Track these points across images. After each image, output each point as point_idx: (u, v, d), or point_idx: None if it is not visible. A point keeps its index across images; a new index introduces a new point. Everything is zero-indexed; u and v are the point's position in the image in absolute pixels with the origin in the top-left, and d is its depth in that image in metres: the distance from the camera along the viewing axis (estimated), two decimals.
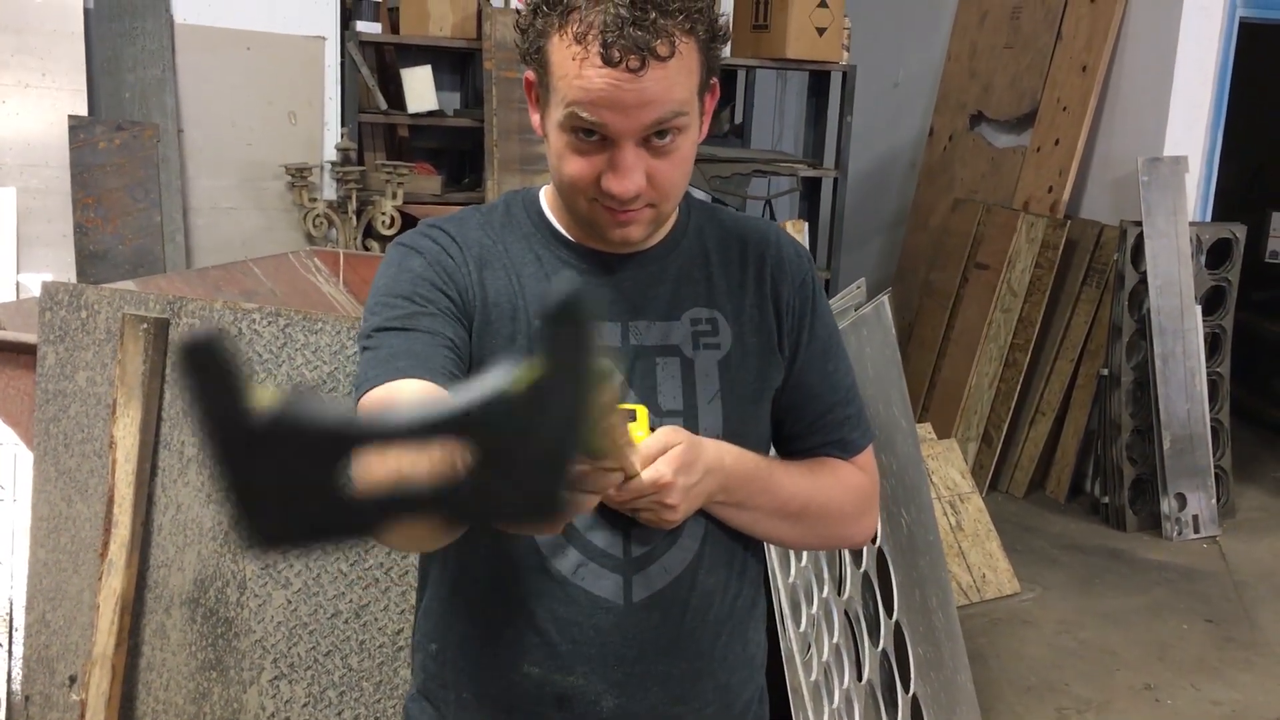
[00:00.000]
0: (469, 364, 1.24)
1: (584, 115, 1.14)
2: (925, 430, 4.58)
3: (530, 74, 1.23)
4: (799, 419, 1.37)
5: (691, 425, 1.24)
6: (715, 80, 1.23)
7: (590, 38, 1.11)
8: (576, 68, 1.12)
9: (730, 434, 1.27)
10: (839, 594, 2.44)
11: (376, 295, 1.25)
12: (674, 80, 1.14)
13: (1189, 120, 4.99)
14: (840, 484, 1.36)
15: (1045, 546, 4.72)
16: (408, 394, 1.12)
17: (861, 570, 2.55)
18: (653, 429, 1.18)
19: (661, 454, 1.14)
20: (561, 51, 1.14)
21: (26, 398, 2.64)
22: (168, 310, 2.40)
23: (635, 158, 1.16)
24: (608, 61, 1.11)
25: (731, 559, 1.33)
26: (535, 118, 1.25)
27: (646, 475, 1.13)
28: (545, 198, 1.34)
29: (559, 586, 1.24)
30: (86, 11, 4.05)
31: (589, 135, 1.16)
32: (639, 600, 1.26)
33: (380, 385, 1.15)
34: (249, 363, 2.33)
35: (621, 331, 1.28)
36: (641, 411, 1.19)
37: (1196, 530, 4.86)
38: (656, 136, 1.16)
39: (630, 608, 1.25)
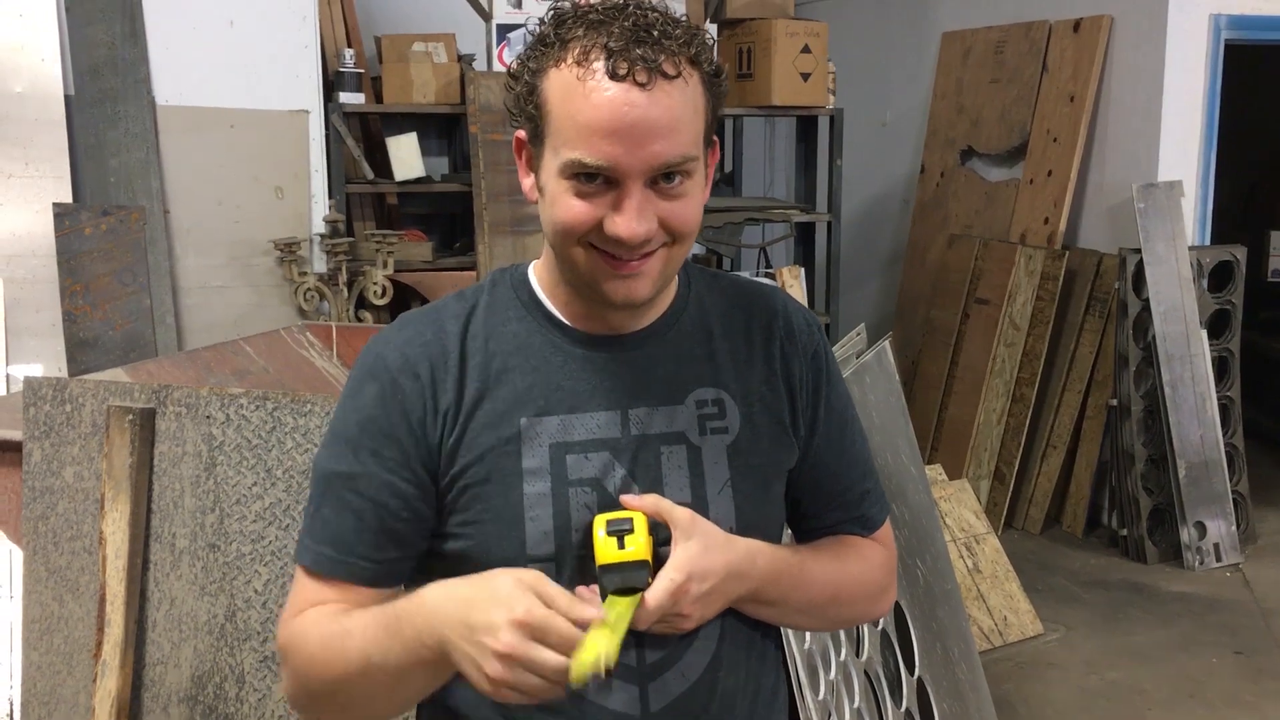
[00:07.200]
0: (436, 485, 1.18)
1: (588, 160, 1.07)
2: (935, 471, 4.51)
3: (520, 133, 1.16)
4: (817, 497, 1.30)
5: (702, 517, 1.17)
6: (716, 139, 1.18)
7: (594, 54, 1.06)
8: (581, 89, 1.06)
9: (744, 524, 1.19)
10: (857, 655, 2.36)
11: (333, 422, 1.21)
12: (680, 111, 1.08)
13: (1181, 144, 4.96)
14: (865, 564, 1.31)
15: (1066, 584, 4.62)
16: (312, 628, 1.17)
17: (879, 628, 2.47)
18: (652, 528, 1.11)
19: (693, 564, 1.10)
20: (561, 81, 1.08)
21: (14, 495, 2.58)
22: (153, 400, 2.35)
23: (643, 198, 1.09)
24: (614, 75, 1.05)
25: (750, 651, 1.25)
26: (526, 181, 1.18)
27: (659, 589, 1.08)
28: (535, 275, 1.25)
29: (569, 703, 1.16)
30: (67, 98, 4.04)
31: (591, 179, 1.09)
32: (656, 710, 1.18)
33: (305, 582, 1.20)
34: (239, 448, 2.27)
35: (621, 420, 1.19)
36: (639, 519, 1.11)
37: (1218, 559, 4.77)
38: (664, 180, 1.09)
39: (648, 719, 1.18)
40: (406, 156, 4.85)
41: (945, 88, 6.05)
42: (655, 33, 1.07)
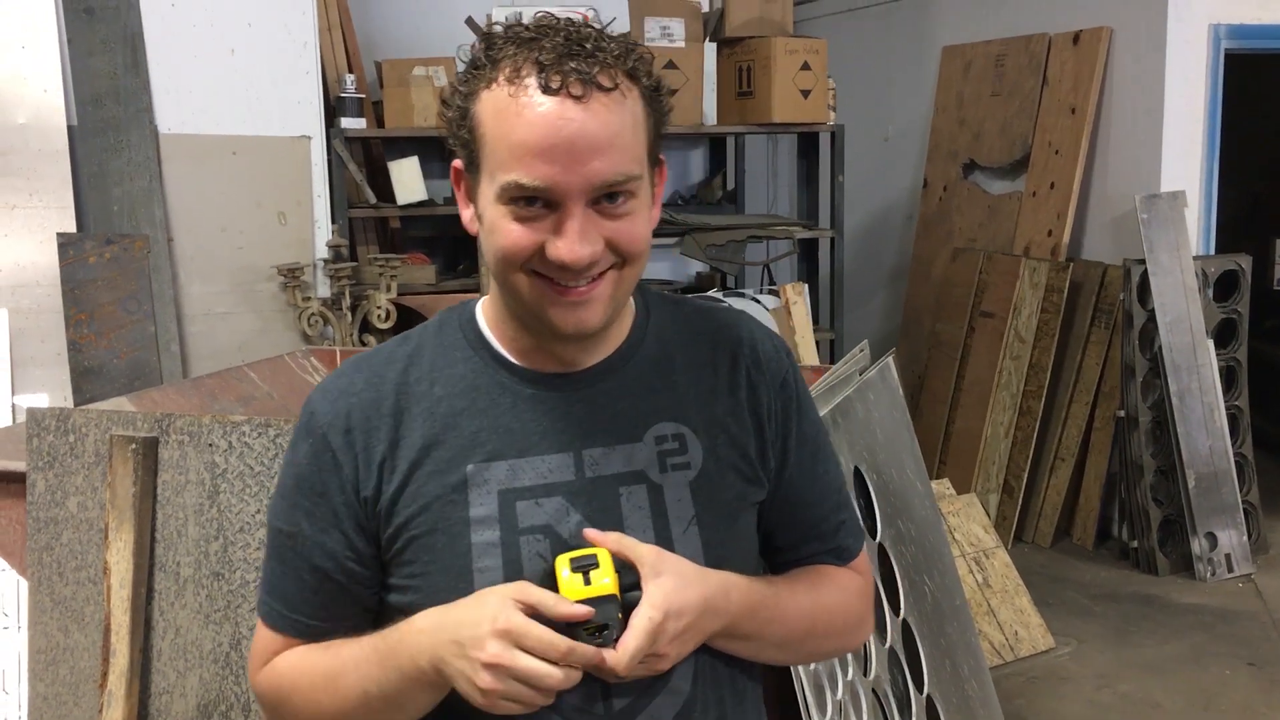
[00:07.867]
0: (378, 539, 1.16)
1: (525, 181, 1.02)
2: (943, 486, 4.49)
3: (457, 163, 1.13)
4: (791, 529, 1.26)
5: None
6: (662, 158, 1.14)
7: (525, 70, 1.02)
8: (514, 106, 1.02)
9: (713, 560, 1.14)
10: (865, 674, 2.35)
11: (280, 474, 1.21)
12: (619, 126, 1.03)
13: (1183, 154, 4.95)
14: (843, 594, 1.27)
15: (1077, 597, 4.60)
16: (296, 675, 1.19)
17: (887, 646, 2.45)
18: (618, 570, 1.06)
19: (665, 608, 1.05)
20: (493, 101, 1.04)
21: (18, 526, 2.58)
22: (156, 428, 2.35)
23: (585, 220, 1.04)
24: (546, 89, 1.01)
25: (727, 692, 1.19)
26: (466, 212, 1.14)
27: (637, 629, 1.03)
28: (483, 312, 1.21)
29: None
30: (70, 129, 4.06)
31: (530, 203, 1.04)
32: None
33: (263, 631, 1.22)
34: (241, 476, 2.27)
35: (574, 462, 1.13)
36: (604, 555, 1.06)
37: (1230, 569, 4.74)
38: (607, 200, 1.05)
39: None
40: (408, 180, 4.87)
41: (946, 102, 6.06)
42: (589, 46, 1.04)
